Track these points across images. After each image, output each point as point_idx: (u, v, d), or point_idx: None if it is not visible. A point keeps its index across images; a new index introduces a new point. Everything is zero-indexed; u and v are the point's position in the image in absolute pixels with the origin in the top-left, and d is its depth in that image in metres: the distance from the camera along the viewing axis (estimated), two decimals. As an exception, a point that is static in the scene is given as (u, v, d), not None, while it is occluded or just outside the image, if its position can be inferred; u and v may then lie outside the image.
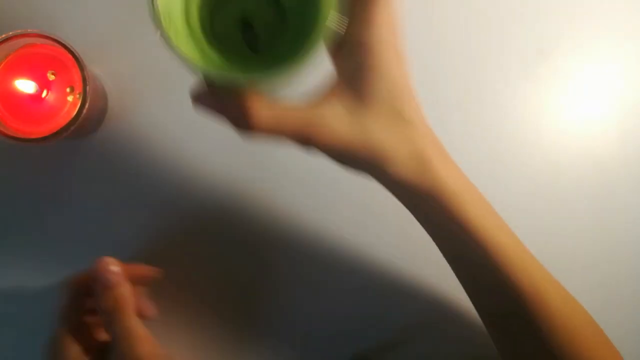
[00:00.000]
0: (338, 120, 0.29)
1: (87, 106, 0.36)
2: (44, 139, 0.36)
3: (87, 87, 0.36)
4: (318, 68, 0.24)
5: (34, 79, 0.37)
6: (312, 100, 0.29)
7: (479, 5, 0.44)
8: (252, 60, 0.27)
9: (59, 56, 0.38)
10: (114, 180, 0.38)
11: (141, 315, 0.38)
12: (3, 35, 0.35)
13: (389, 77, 0.29)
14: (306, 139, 0.29)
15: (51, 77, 0.38)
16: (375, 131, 0.30)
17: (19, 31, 0.35)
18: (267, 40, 0.27)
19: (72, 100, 0.38)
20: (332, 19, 0.23)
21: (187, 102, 0.43)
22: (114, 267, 0.35)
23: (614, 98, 0.45)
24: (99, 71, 0.42)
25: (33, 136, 0.36)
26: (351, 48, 0.29)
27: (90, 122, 0.40)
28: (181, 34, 0.25)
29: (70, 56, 0.36)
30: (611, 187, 0.44)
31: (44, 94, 0.38)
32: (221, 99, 0.27)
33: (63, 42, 0.35)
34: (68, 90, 0.38)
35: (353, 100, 0.29)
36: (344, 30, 0.26)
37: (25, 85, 0.37)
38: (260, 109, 0.27)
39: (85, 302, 0.36)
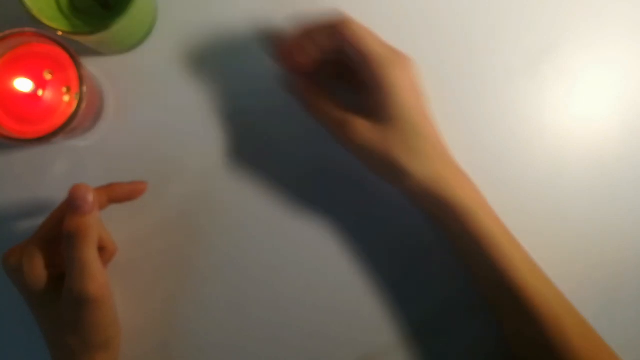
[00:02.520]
0: (364, 128, 0.37)
1: (83, 106, 0.36)
2: (40, 139, 0.35)
3: (84, 86, 0.36)
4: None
5: (30, 78, 0.37)
6: (347, 108, 0.38)
7: (482, 3, 0.44)
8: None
9: (55, 55, 0.37)
10: (110, 180, 0.38)
11: (103, 248, 0.38)
12: (-1, 34, 0.35)
13: (404, 103, 0.36)
14: (338, 134, 0.38)
15: (47, 77, 0.38)
16: (395, 145, 0.36)
17: (15, 30, 0.35)
18: (114, 5, 0.39)
19: (69, 100, 0.38)
20: None
21: (182, 100, 0.42)
22: (87, 194, 0.33)
23: (616, 97, 0.45)
24: (95, 70, 0.42)
25: (29, 136, 0.36)
26: (371, 88, 0.37)
27: (86, 121, 0.39)
28: (51, 9, 0.38)
29: (66, 55, 0.36)
30: (613, 186, 0.44)
31: (40, 93, 0.37)
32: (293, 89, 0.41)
33: (60, 41, 0.35)
34: (64, 89, 0.38)
35: (376, 117, 0.37)
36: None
37: (22, 84, 0.37)
38: (311, 97, 0.39)
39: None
